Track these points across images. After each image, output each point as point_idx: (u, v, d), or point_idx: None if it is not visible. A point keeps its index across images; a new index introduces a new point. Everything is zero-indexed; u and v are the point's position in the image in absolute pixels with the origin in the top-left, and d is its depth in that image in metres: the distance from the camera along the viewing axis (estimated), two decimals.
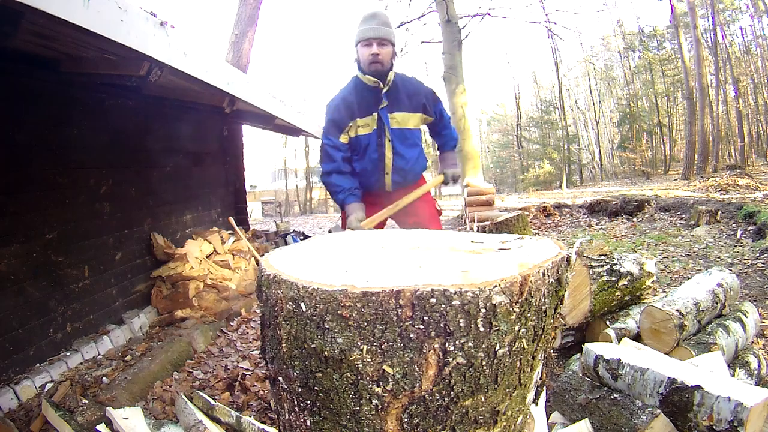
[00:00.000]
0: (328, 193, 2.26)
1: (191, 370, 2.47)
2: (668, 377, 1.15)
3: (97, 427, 1.36)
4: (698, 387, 1.08)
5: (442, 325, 0.61)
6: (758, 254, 3.92)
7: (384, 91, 2.09)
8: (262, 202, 17.41)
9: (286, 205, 19.03)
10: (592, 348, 1.36)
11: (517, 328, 0.64)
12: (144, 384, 2.22)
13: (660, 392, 1.17)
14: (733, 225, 5.39)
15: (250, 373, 2.37)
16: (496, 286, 0.61)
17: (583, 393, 1.34)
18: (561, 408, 1.43)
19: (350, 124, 2.12)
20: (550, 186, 21.36)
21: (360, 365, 0.63)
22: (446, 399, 0.64)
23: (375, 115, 2.11)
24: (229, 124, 4.89)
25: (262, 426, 1.42)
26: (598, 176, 23.98)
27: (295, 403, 0.73)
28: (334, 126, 2.12)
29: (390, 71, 2.10)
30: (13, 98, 2.26)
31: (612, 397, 1.25)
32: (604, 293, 2.07)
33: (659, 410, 1.13)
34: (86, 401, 2.00)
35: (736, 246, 4.49)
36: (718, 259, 4.00)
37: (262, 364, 2.51)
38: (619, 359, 1.27)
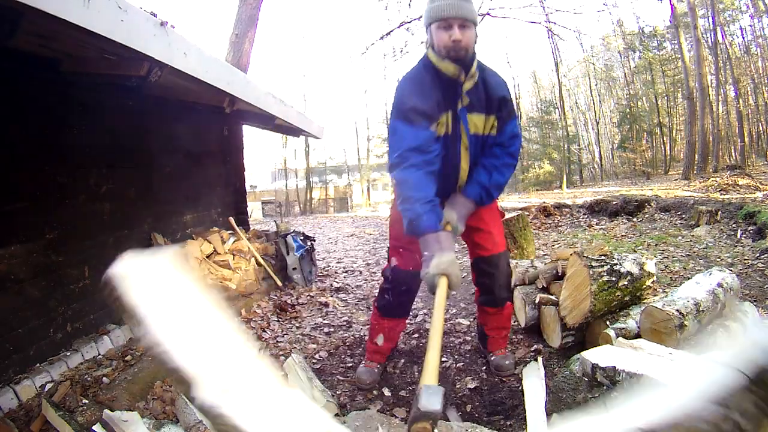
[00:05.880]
0: (398, 197, 1.62)
1: None
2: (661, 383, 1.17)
3: (94, 428, 1.36)
4: None
5: None
6: (758, 254, 3.92)
7: (464, 85, 1.66)
8: (262, 202, 17.43)
9: (287, 206, 19.02)
10: (588, 357, 1.35)
11: None
12: (144, 384, 2.21)
13: None
14: (733, 225, 5.39)
15: None
16: None
17: (582, 392, 1.34)
18: (558, 408, 1.42)
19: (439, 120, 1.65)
20: (551, 186, 21.35)
21: None
22: None
23: (450, 113, 1.68)
24: (229, 124, 4.89)
25: None
26: (599, 176, 23.97)
27: None
28: (418, 114, 1.59)
29: (474, 60, 1.67)
30: (13, 98, 2.25)
31: (612, 395, 1.25)
32: (604, 293, 2.07)
33: None
34: (86, 401, 2.00)
35: (736, 246, 4.49)
36: (718, 259, 3.99)
37: None
38: (614, 367, 1.27)
